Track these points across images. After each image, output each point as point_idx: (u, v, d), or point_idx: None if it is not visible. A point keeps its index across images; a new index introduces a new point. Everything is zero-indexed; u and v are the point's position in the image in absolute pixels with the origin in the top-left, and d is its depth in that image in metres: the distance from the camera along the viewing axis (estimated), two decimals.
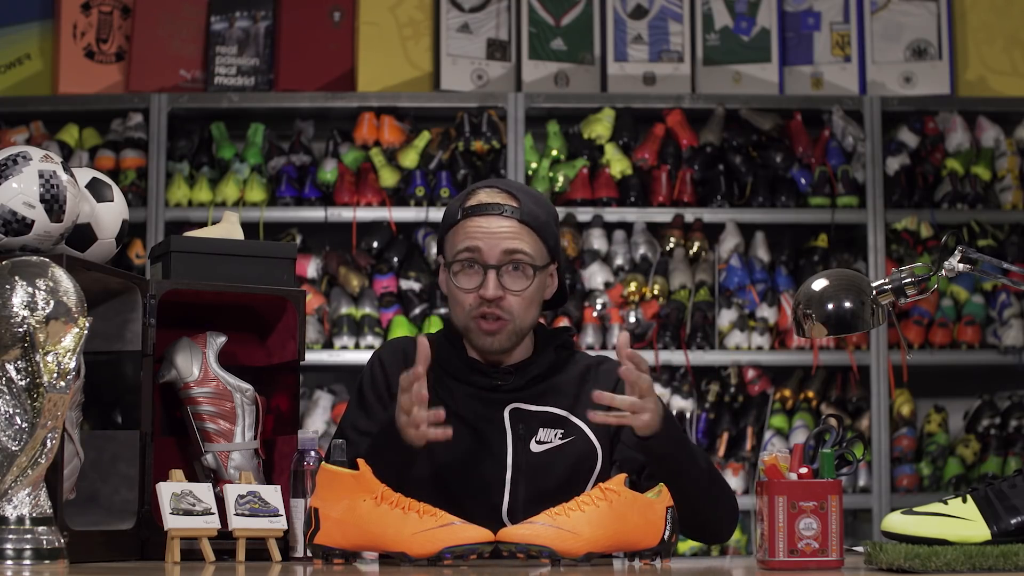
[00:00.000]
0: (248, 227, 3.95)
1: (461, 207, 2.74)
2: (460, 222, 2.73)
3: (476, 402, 2.76)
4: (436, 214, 5.06)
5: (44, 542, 2.17)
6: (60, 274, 2.18)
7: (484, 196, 2.74)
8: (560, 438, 2.75)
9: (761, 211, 5.14)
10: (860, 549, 2.37)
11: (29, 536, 2.16)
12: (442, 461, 2.70)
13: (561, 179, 5.15)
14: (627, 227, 5.18)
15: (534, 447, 2.74)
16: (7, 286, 2.13)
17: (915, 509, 2.34)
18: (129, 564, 2.43)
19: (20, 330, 2.12)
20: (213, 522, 2.43)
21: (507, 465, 2.72)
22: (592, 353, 2.95)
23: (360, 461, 2.34)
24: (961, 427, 5.18)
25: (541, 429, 2.75)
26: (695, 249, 5.15)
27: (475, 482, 2.70)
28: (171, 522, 2.39)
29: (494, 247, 2.70)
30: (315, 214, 5.08)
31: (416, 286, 5.04)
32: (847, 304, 2.47)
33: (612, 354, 4.99)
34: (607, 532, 2.30)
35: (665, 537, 2.36)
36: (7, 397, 2.14)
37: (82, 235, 2.50)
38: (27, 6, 5.34)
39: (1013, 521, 2.29)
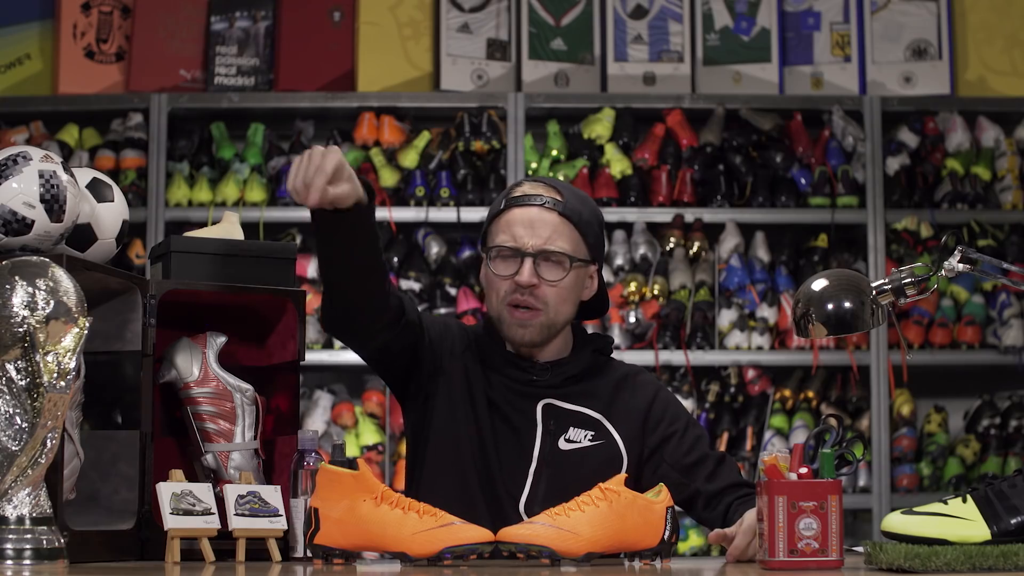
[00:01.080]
0: (248, 227, 3.94)
1: (505, 198, 2.78)
2: (502, 212, 2.77)
3: (511, 393, 2.79)
4: (436, 214, 5.07)
5: (44, 542, 2.17)
6: (60, 274, 2.18)
7: (528, 188, 2.78)
8: (590, 440, 2.78)
9: (761, 211, 5.14)
10: (860, 549, 2.37)
11: (29, 536, 2.16)
12: (469, 445, 2.74)
13: (561, 179, 5.15)
14: (627, 227, 5.18)
15: (563, 444, 2.76)
16: (7, 286, 2.13)
17: (915, 509, 2.34)
18: (129, 564, 2.43)
19: (20, 330, 2.12)
20: (213, 522, 2.43)
21: (533, 457, 2.74)
22: (626, 360, 2.98)
23: (360, 461, 2.35)
24: (961, 427, 5.18)
25: (572, 428, 2.78)
26: (695, 249, 5.15)
27: (498, 470, 2.73)
28: (171, 522, 2.39)
29: (532, 235, 2.73)
30: None
31: (416, 286, 5.04)
32: (847, 304, 2.47)
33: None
34: (607, 532, 2.30)
35: (665, 537, 2.36)
36: (7, 397, 2.14)
37: (82, 235, 2.50)
38: (27, 6, 5.34)
39: (1013, 521, 2.29)
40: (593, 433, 2.78)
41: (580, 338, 2.87)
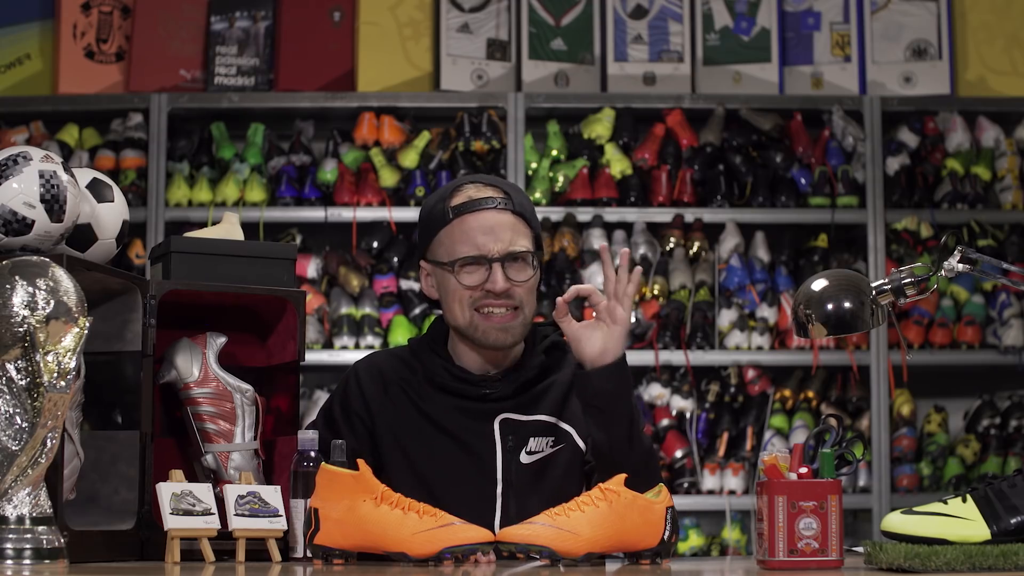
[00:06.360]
0: (248, 227, 3.95)
1: (449, 207, 2.71)
2: (452, 221, 2.70)
3: (463, 415, 2.72)
4: None
5: (44, 542, 2.17)
6: (60, 274, 2.18)
7: (473, 192, 2.71)
8: (551, 446, 2.73)
9: (761, 211, 5.14)
10: (860, 549, 2.37)
11: (29, 536, 2.16)
12: (430, 478, 2.68)
13: (561, 179, 5.15)
14: (627, 227, 5.18)
15: (524, 458, 2.71)
16: (7, 286, 2.13)
17: (915, 509, 2.34)
18: (129, 564, 2.43)
19: (20, 330, 2.12)
20: (213, 522, 2.43)
21: (497, 480, 2.70)
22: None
23: (360, 461, 2.34)
24: (961, 427, 5.18)
25: (532, 439, 2.72)
26: (695, 249, 5.15)
27: (465, 498, 2.64)
28: (171, 522, 2.39)
29: (495, 240, 2.67)
30: (315, 214, 5.08)
31: (416, 286, 5.04)
32: (847, 304, 2.47)
33: None
34: (607, 532, 2.30)
35: (665, 537, 2.36)
36: (7, 397, 2.14)
37: (82, 235, 2.50)
38: (27, 6, 5.34)
39: (1013, 521, 2.29)
40: (553, 439, 2.73)
41: (531, 338, 2.78)
